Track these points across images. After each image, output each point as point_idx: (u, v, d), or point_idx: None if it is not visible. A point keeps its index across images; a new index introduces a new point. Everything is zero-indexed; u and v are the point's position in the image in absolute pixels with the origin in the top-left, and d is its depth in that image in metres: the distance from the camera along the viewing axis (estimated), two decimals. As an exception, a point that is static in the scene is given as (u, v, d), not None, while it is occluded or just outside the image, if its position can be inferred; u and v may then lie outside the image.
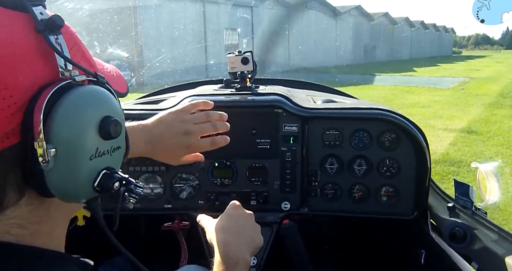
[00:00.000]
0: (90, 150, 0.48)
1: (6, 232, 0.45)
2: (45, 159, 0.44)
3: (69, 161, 0.46)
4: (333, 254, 1.74)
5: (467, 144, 6.16)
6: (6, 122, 0.42)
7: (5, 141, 0.43)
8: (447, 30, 54.58)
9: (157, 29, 15.60)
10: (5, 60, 0.43)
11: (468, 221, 1.18)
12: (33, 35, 0.46)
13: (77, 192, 0.49)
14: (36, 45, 0.46)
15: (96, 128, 0.48)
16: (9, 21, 0.45)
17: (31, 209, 0.47)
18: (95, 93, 0.50)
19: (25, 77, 0.44)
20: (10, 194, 0.45)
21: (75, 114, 0.46)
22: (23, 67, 0.44)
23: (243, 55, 1.34)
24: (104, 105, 0.50)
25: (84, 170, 0.48)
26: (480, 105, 10.06)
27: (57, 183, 0.46)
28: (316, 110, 1.35)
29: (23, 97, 0.44)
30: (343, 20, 29.72)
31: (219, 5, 18.92)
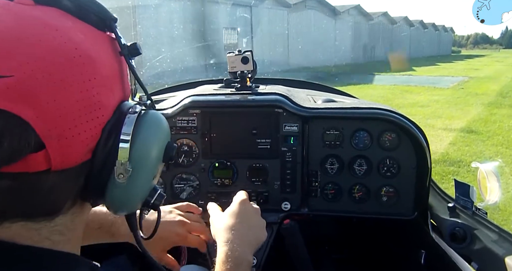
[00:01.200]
0: (154, 171, 0.52)
1: (46, 238, 0.46)
2: (124, 176, 0.47)
3: (139, 180, 0.49)
4: (334, 255, 1.74)
5: (467, 144, 6.16)
6: (94, 139, 0.45)
7: (86, 155, 0.45)
8: (446, 30, 54.57)
9: (157, 29, 15.57)
10: (104, 80, 0.45)
11: (468, 221, 1.18)
12: (116, 57, 0.49)
13: (130, 206, 0.53)
14: (118, 67, 0.49)
15: (162, 152, 0.52)
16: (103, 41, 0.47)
17: (74, 217, 0.49)
18: (161, 119, 0.54)
19: (113, 98, 0.47)
20: (68, 203, 0.47)
21: (153, 137, 0.50)
22: (113, 88, 0.47)
23: (243, 54, 1.33)
24: (168, 130, 0.55)
25: (145, 188, 0.53)
26: (479, 104, 10.07)
27: (118, 197, 0.49)
28: (316, 110, 1.35)
29: (110, 116, 0.46)
30: (342, 20, 29.71)
31: (218, 4, 18.89)
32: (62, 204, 0.46)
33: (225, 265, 0.74)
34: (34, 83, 0.39)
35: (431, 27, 47.35)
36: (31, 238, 0.45)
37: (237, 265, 0.74)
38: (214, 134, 1.36)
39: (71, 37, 0.42)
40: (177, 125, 1.35)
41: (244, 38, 18.40)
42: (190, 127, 1.35)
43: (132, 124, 0.47)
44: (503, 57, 43.11)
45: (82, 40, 0.43)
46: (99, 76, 0.44)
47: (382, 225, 1.54)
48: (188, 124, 1.35)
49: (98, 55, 0.45)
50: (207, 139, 1.36)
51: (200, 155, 1.37)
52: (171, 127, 1.35)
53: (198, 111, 1.34)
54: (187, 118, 1.35)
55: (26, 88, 0.38)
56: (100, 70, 0.44)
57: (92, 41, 0.45)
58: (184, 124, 1.35)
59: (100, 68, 0.44)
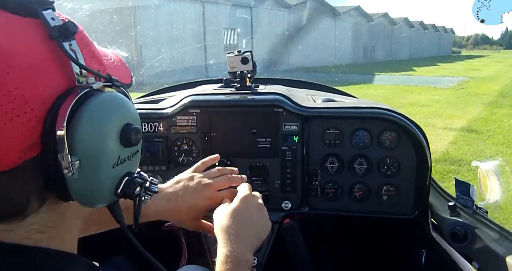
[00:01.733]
0: (113, 159, 0.48)
1: (25, 237, 0.45)
2: (70, 171, 0.44)
3: (93, 171, 0.46)
4: (334, 254, 1.73)
5: (467, 143, 6.16)
6: (28, 136, 0.42)
7: (27, 153, 0.42)
8: (446, 30, 54.58)
9: (157, 29, 15.59)
10: (24, 72, 0.41)
11: (469, 220, 1.18)
12: (47, 43, 0.44)
13: (100, 198, 0.50)
14: (51, 53, 0.44)
15: (118, 136, 0.48)
16: (23, 29, 0.43)
17: (50, 214, 0.47)
18: (114, 100, 0.49)
19: (44, 88, 0.43)
20: (33, 201, 0.45)
21: (97, 124, 0.45)
22: (41, 77, 0.43)
23: (242, 54, 1.33)
24: (124, 112, 0.49)
25: (107, 178, 0.48)
26: (480, 104, 10.07)
27: (80, 190, 0.46)
28: (316, 109, 1.35)
29: (42, 109, 0.42)
30: (342, 21, 29.73)
31: (218, 5, 18.92)
32: (23, 204, 0.44)
33: (224, 266, 0.74)
34: None
35: (431, 28, 47.36)
36: (9, 237, 0.44)
37: (236, 265, 0.74)
38: (214, 133, 1.36)
39: None
40: (177, 124, 1.35)
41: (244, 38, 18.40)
42: (190, 126, 1.35)
43: (66, 113, 0.43)
44: (503, 58, 43.13)
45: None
46: (17, 70, 0.40)
47: (382, 224, 1.54)
48: (188, 123, 1.35)
49: (14, 47, 0.41)
50: (207, 138, 1.36)
51: (200, 154, 1.37)
52: (171, 127, 1.35)
53: (198, 111, 1.35)
54: (187, 117, 1.35)
55: None
56: (16, 62, 0.40)
57: (6, 32, 0.41)
58: (184, 124, 1.35)
59: (17, 61, 0.40)
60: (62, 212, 0.49)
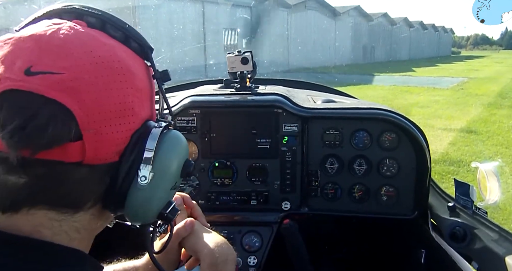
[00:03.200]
0: (172, 183, 0.57)
1: (65, 232, 0.50)
2: (147, 179, 0.51)
3: (158, 185, 0.53)
4: (333, 254, 1.73)
5: (467, 144, 6.16)
6: (123, 141, 0.50)
7: (114, 156, 0.50)
8: (446, 31, 54.59)
9: (157, 29, 15.57)
10: (139, 93, 0.52)
11: (468, 221, 1.18)
12: (149, 79, 0.56)
13: (146, 215, 0.56)
14: (151, 88, 0.56)
15: (181, 166, 0.58)
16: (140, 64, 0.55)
17: (92, 218, 0.52)
18: (181, 137, 0.59)
19: (144, 111, 0.53)
20: (90, 202, 0.51)
21: (174, 151, 0.56)
22: (144, 102, 0.53)
23: (242, 55, 1.34)
24: (187, 149, 0.61)
25: (162, 197, 0.56)
26: (479, 105, 10.07)
27: (138, 202, 0.52)
28: (316, 110, 1.35)
29: (138, 126, 0.52)
30: (342, 21, 29.73)
31: (218, 5, 18.91)
32: (85, 200, 0.50)
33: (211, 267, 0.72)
34: (80, 82, 0.46)
35: (431, 28, 47.35)
36: (51, 229, 0.48)
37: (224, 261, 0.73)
38: (213, 134, 1.36)
39: (116, 53, 0.50)
40: (177, 125, 1.35)
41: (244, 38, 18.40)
42: (190, 127, 1.36)
43: (157, 136, 0.52)
44: (503, 58, 43.15)
45: (124, 57, 0.51)
46: (136, 88, 0.51)
47: (382, 224, 1.54)
48: (188, 124, 1.36)
49: (136, 72, 0.52)
50: (207, 139, 1.36)
51: (200, 155, 1.37)
52: (171, 127, 1.35)
53: (198, 111, 1.35)
54: (186, 118, 1.35)
55: (74, 84, 0.45)
56: (137, 83, 0.51)
57: (132, 61, 0.53)
58: (184, 124, 1.36)
59: (137, 82, 0.51)
60: (98, 221, 0.55)
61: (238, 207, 1.39)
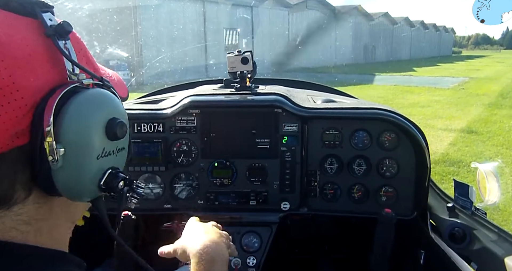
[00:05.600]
0: (97, 150, 0.50)
1: (13, 227, 0.47)
2: (54, 158, 0.46)
3: (77, 160, 0.48)
4: (333, 254, 1.73)
5: (467, 144, 6.16)
6: (16, 123, 0.44)
7: (15, 141, 0.45)
8: (447, 30, 54.54)
9: (157, 29, 15.58)
10: (19, 62, 0.45)
11: (467, 222, 1.18)
12: (43, 40, 0.48)
13: (83, 190, 0.51)
14: (46, 49, 0.48)
15: (103, 129, 0.50)
16: (22, 26, 0.47)
17: (37, 207, 0.49)
18: (102, 95, 0.52)
19: (36, 79, 0.46)
20: (19, 191, 0.47)
21: (83, 116, 0.48)
22: (34, 69, 0.46)
23: (242, 55, 1.34)
24: (111, 107, 0.53)
25: (91, 169, 0.50)
26: (480, 105, 10.06)
27: (64, 181, 0.48)
28: (315, 110, 1.35)
29: (33, 99, 0.45)
30: (343, 20, 29.70)
31: (219, 5, 18.90)
32: (9, 191, 0.46)
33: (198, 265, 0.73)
34: None
35: (432, 27, 47.33)
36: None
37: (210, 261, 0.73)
38: (213, 134, 1.36)
39: None
40: (177, 125, 1.35)
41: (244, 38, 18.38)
42: (190, 127, 1.36)
43: (54, 103, 0.46)
44: (504, 58, 43.10)
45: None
46: (12, 59, 0.44)
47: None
48: (187, 124, 1.35)
49: (11, 39, 0.45)
50: (207, 139, 1.36)
51: (199, 155, 1.37)
52: (170, 127, 1.35)
53: (198, 111, 1.35)
54: (186, 118, 1.35)
55: None
56: (12, 52, 0.44)
57: (6, 26, 0.46)
58: (183, 124, 1.35)
59: (12, 51, 0.44)
60: (50, 207, 0.51)
61: (237, 207, 1.39)
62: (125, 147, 0.56)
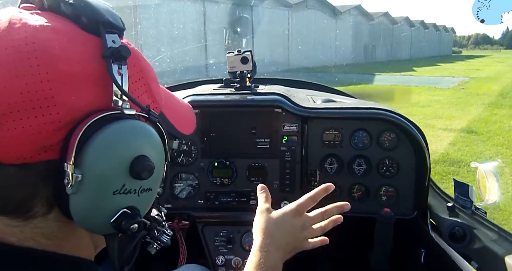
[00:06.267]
0: (115, 185, 0.47)
1: (31, 238, 0.46)
2: (70, 183, 0.44)
3: (92, 191, 0.45)
4: (333, 254, 1.73)
5: (467, 144, 6.16)
6: (45, 137, 0.43)
7: (41, 154, 0.44)
8: (447, 30, 54.52)
9: (157, 28, 15.57)
10: (64, 77, 0.43)
11: (467, 221, 1.18)
12: (98, 61, 0.46)
13: (94, 223, 0.48)
14: (97, 70, 0.46)
15: (127, 165, 0.46)
16: (81, 41, 0.46)
17: (59, 225, 0.48)
18: (137, 128, 0.48)
19: (77, 99, 0.44)
20: (38, 206, 0.46)
21: (109, 146, 0.45)
22: (78, 88, 0.44)
23: (242, 54, 1.33)
24: (143, 143, 0.48)
25: (105, 203, 0.47)
26: (480, 104, 10.06)
27: (78, 208, 0.46)
28: (315, 110, 1.35)
29: (69, 117, 0.44)
30: (343, 20, 29.70)
31: (219, 4, 18.90)
32: (28, 203, 0.45)
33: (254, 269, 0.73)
34: None
35: (432, 27, 47.32)
36: (13, 234, 0.46)
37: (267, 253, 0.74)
38: (213, 133, 1.36)
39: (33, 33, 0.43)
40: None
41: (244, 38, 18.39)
42: None
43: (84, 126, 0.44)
44: (504, 58, 43.07)
45: (47, 37, 0.44)
46: (58, 72, 0.43)
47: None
48: None
49: (63, 52, 0.44)
50: (207, 138, 1.36)
51: (200, 154, 1.37)
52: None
53: (198, 111, 1.35)
54: None
55: None
56: (60, 66, 0.43)
57: (64, 40, 0.45)
58: None
59: (60, 65, 0.43)
60: (73, 228, 0.49)
61: (237, 207, 1.39)
62: (152, 188, 0.52)
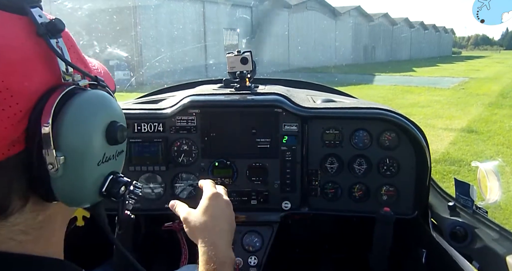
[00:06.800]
0: (98, 156, 0.47)
1: (10, 238, 0.45)
2: (54, 167, 0.43)
3: (78, 168, 0.45)
4: (334, 254, 1.73)
5: (468, 144, 6.16)
6: (13, 130, 0.41)
7: (11, 149, 0.42)
8: (446, 31, 54.55)
9: (157, 29, 15.59)
10: (10, 66, 0.41)
11: (468, 220, 1.18)
12: (34, 39, 0.44)
13: (84, 197, 0.49)
14: (37, 49, 0.44)
15: (103, 133, 0.48)
16: (10, 24, 0.43)
17: (35, 215, 0.47)
18: (100, 98, 0.49)
19: (30, 83, 0.43)
20: (15, 201, 0.44)
21: (82, 121, 0.45)
22: (27, 72, 0.43)
23: (242, 55, 1.33)
24: (110, 110, 0.50)
25: (92, 176, 0.48)
26: (480, 104, 10.06)
27: (64, 189, 0.46)
28: (315, 110, 1.35)
29: (28, 104, 0.42)
30: (342, 21, 29.73)
31: (218, 5, 18.92)
32: (5, 203, 0.43)
33: (209, 265, 0.72)
34: None
35: (432, 28, 47.34)
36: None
37: (221, 264, 0.73)
38: (213, 133, 1.36)
39: None
40: (177, 124, 1.35)
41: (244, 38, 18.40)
42: (190, 126, 1.35)
43: (51, 109, 0.43)
44: (504, 58, 43.08)
45: None
46: (2, 63, 0.41)
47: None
48: (187, 123, 1.35)
49: (2, 40, 0.41)
50: (207, 138, 1.36)
51: (200, 154, 1.37)
52: (170, 127, 1.35)
53: (198, 111, 1.35)
54: (186, 117, 1.35)
55: None
56: (2, 56, 0.41)
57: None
58: (183, 124, 1.35)
59: (2, 54, 0.41)
60: (48, 214, 0.48)
61: (238, 207, 1.38)
62: (124, 149, 0.54)
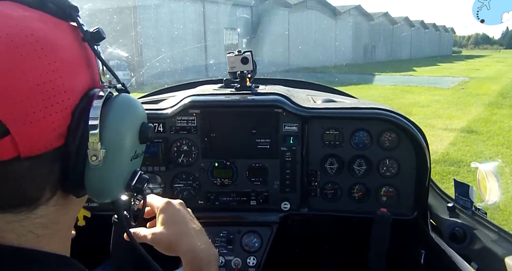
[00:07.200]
0: (131, 152, 0.53)
1: (30, 231, 0.46)
2: (98, 158, 0.47)
3: (115, 161, 0.50)
4: (333, 254, 1.73)
5: (467, 144, 6.16)
6: (62, 124, 0.45)
7: (57, 142, 0.45)
8: (447, 30, 54.50)
9: (157, 29, 15.58)
10: (66, 64, 0.45)
11: (468, 221, 1.18)
12: (80, 43, 0.49)
13: (113, 190, 0.53)
14: (83, 53, 0.50)
15: (137, 132, 0.53)
16: (62, 29, 0.48)
17: (56, 209, 0.49)
18: (134, 101, 0.55)
19: (78, 82, 0.47)
20: (46, 193, 0.47)
21: (124, 119, 0.51)
22: (77, 72, 0.47)
23: (242, 54, 1.33)
24: (142, 112, 0.56)
25: (124, 170, 0.53)
26: (480, 104, 10.06)
27: (97, 181, 0.49)
28: (316, 110, 1.35)
29: (75, 101, 0.46)
30: (343, 20, 29.70)
31: (218, 4, 18.91)
32: (39, 193, 0.46)
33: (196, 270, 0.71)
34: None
35: (432, 27, 47.30)
36: (13, 230, 0.45)
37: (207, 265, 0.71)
38: (213, 134, 1.36)
39: (27, 25, 0.43)
40: (177, 125, 1.35)
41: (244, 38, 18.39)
42: (190, 127, 1.36)
43: (99, 107, 0.48)
44: (504, 58, 43.08)
45: (39, 27, 0.44)
46: (61, 61, 0.45)
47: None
48: (187, 124, 1.35)
49: (58, 41, 0.46)
50: (207, 139, 1.36)
51: (200, 155, 1.37)
52: (170, 127, 1.35)
53: (198, 111, 1.35)
54: (186, 118, 1.35)
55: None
56: (61, 54, 0.45)
57: (51, 28, 0.46)
58: (183, 124, 1.35)
59: (61, 53, 0.45)
60: (65, 209, 0.50)
61: (237, 207, 1.39)
62: (144, 149, 0.59)
